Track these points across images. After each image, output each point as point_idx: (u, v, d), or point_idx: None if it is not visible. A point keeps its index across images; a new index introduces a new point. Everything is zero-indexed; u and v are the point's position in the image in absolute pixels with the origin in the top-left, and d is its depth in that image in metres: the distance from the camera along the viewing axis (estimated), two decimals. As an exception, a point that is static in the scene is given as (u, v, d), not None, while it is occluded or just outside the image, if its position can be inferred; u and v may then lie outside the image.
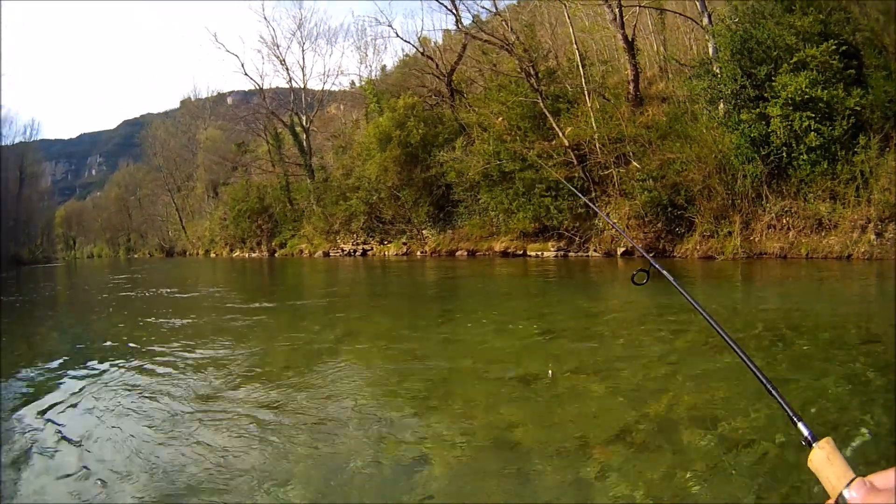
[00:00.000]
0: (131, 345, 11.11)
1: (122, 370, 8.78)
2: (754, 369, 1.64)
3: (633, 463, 4.53)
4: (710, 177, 23.18)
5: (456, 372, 7.68)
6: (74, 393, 7.69)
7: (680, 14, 31.16)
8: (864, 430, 5.02)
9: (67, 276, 50.53)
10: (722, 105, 23.90)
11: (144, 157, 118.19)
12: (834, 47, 20.15)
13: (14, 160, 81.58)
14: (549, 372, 7.56)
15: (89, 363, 9.54)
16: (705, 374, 6.98)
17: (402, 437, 5.38)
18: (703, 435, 5.02)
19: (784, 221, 21.31)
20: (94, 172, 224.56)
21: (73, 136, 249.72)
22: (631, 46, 29.93)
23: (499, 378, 7.19)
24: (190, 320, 14.74)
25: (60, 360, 10.13)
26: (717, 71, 23.80)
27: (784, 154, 20.96)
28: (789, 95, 20.27)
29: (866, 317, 11.06)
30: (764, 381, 1.59)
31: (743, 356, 1.69)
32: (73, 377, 8.66)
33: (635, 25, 31.23)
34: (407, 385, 7.15)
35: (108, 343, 11.78)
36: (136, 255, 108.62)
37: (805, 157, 20.45)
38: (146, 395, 7.38)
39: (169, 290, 25.02)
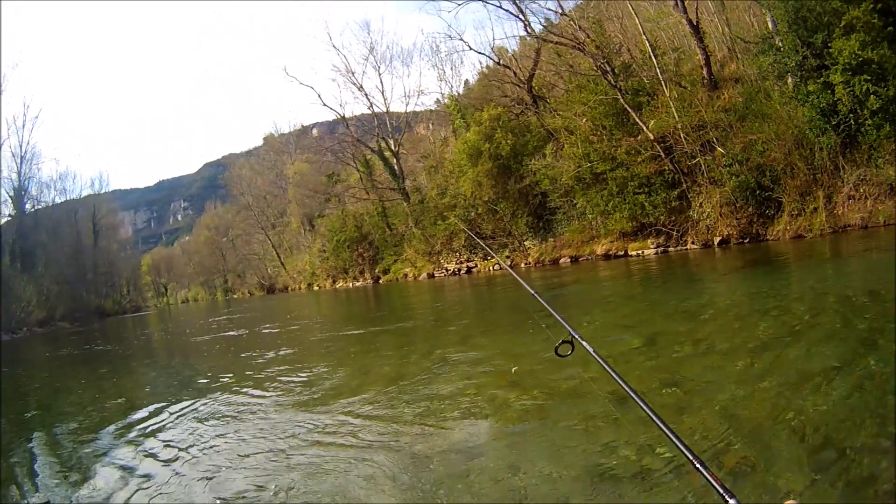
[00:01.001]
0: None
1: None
2: (667, 431, 2.20)
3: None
4: (790, 154, 24.06)
5: (555, 395, 7.70)
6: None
7: None
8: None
9: (161, 322, 54.28)
10: (790, 78, 24.75)
11: (231, 197, 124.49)
12: (871, 5, 20.98)
13: (85, 213, 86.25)
14: (514, 369, 9.00)
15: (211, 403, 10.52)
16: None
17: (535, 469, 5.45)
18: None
19: (862, 190, 21.98)
20: (178, 217, 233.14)
21: (151, 183, 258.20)
22: (697, 30, 30.87)
23: (597, 397, 6.98)
24: (302, 351, 16.81)
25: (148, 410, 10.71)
26: (779, 44, 24.63)
27: (852, 121, 21.80)
28: (846, 60, 21.12)
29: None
30: (678, 443, 2.11)
31: (645, 407, 2.27)
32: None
33: (697, 8, 31.95)
34: (513, 410, 7.37)
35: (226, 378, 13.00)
36: (235, 296, 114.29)
37: (870, 121, 21.25)
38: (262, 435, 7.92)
39: (277, 326, 26.95)
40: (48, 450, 9.32)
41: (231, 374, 13.40)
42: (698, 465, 1.92)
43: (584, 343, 3.18)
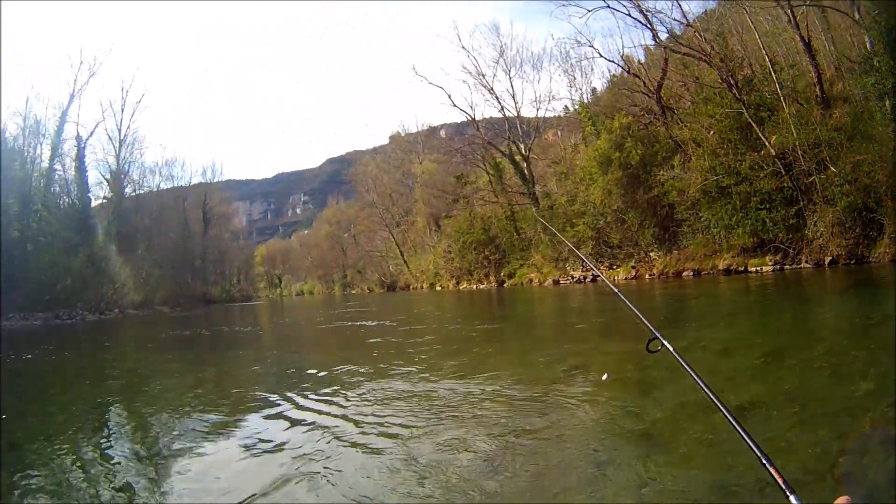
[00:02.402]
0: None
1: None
2: (745, 436, 2.39)
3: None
4: (891, 175, 25.31)
5: (684, 407, 7.80)
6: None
7: (835, 9, 33.86)
8: None
9: (272, 312, 58.76)
10: (888, 100, 26.20)
11: (356, 193, 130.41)
12: None
13: (195, 200, 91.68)
14: (605, 376, 9.74)
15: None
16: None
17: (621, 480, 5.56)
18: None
19: None
20: (297, 211, 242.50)
21: (269, 175, 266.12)
22: (809, 47, 32.82)
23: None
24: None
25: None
26: (878, 65, 26.23)
27: None
28: None
29: None
30: (755, 450, 2.30)
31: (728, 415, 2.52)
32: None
33: (807, 25, 33.70)
34: (628, 421, 7.54)
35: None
36: (353, 291, 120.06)
37: None
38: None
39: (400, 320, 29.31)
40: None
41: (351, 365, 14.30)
42: (765, 462, 2.14)
43: (666, 344, 3.50)
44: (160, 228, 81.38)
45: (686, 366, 3.02)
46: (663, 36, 44.61)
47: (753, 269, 33.10)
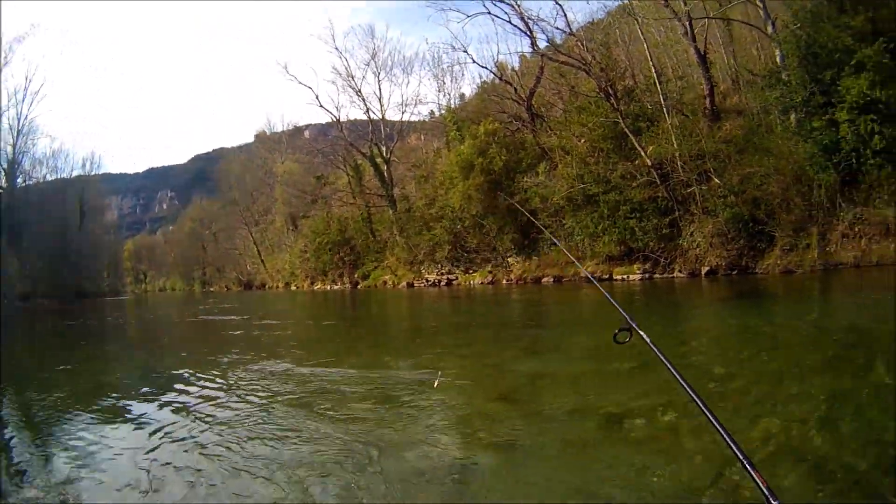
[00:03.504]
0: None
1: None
2: (730, 443, 2.06)
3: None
4: (788, 189, 23.96)
5: (552, 419, 7.31)
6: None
7: (745, 23, 31.88)
8: None
9: (137, 307, 56.25)
10: (793, 114, 24.66)
11: (219, 191, 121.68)
12: (885, 45, 20.66)
13: (73, 193, 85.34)
14: (437, 382, 8.84)
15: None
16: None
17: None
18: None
19: (857, 229, 21.92)
20: (164, 206, 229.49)
21: (140, 170, 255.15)
22: (704, 60, 30.89)
23: (591, 418, 7.08)
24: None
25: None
26: (787, 79, 24.39)
27: (854, 160, 21.57)
28: (853, 99, 20.97)
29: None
30: (741, 457, 2.00)
31: (712, 419, 2.15)
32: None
33: (706, 38, 32.06)
34: (492, 431, 6.96)
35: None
36: (212, 289, 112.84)
37: (872, 161, 21.08)
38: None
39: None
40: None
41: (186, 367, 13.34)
42: (747, 466, 1.83)
43: (641, 333, 3.14)
44: (42, 222, 74.56)
45: (662, 357, 2.70)
46: (543, 44, 41.74)
47: (619, 276, 30.80)
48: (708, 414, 2.16)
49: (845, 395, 7.07)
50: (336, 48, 75.65)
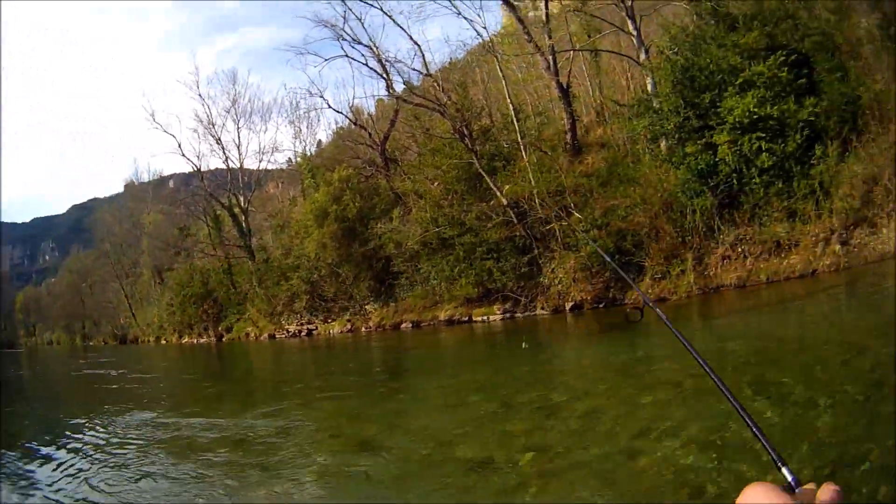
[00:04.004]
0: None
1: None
2: (743, 414, 1.61)
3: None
4: (656, 217, 22.80)
5: (410, 463, 7.48)
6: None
7: (616, 53, 31.02)
8: (866, 464, 4.85)
9: (31, 360, 57.36)
10: (664, 142, 23.72)
11: (95, 242, 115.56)
12: (783, 58, 19.79)
13: None
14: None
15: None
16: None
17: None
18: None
19: (739, 250, 20.91)
20: (47, 258, 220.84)
21: (28, 219, 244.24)
22: (566, 94, 29.70)
23: (456, 466, 6.96)
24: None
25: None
26: (658, 106, 23.35)
27: (734, 181, 20.61)
28: (737, 119, 19.92)
29: (842, 330, 11.22)
30: (750, 424, 1.56)
31: (732, 400, 1.67)
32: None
33: (570, 72, 30.86)
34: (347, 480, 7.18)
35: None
36: (91, 343, 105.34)
37: (757, 180, 20.10)
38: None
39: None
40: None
41: None
42: (775, 458, 1.41)
43: (657, 310, 2.55)
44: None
45: (680, 337, 2.13)
46: (399, 87, 39.51)
47: (479, 318, 28.93)
48: (733, 401, 1.63)
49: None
50: (199, 94, 71.30)
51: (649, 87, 25.40)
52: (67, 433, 12.36)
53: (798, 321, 13.56)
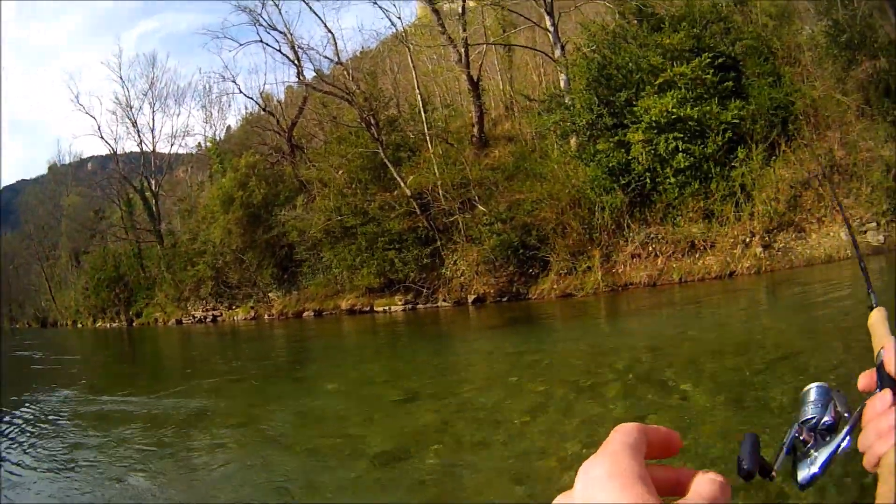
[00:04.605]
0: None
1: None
2: None
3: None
4: (563, 213, 21.83)
5: (315, 454, 7.21)
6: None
7: (531, 48, 29.87)
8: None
9: None
10: (574, 138, 22.76)
11: (21, 224, 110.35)
12: (709, 61, 19.04)
13: None
14: None
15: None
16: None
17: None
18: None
19: (650, 249, 20.09)
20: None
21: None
22: (476, 87, 28.59)
23: (363, 459, 6.59)
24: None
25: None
26: (570, 102, 22.47)
27: (647, 180, 19.81)
28: (653, 118, 19.00)
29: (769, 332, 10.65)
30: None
31: None
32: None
33: (481, 65, 30.05)
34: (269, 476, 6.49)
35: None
36: (17, 325, 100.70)
37: (672, 179, 19.32)
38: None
39: None
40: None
41: None
42: None
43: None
44: None
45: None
46: (310, 75, 37.29)
47: (381, 308, 28.04)
48: None
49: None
50: (121, 77, 67.42)
51: (562, 84, 24.40)
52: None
53: (697, 321, 13.25)
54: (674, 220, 19.50)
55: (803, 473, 0.88)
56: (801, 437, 0.88)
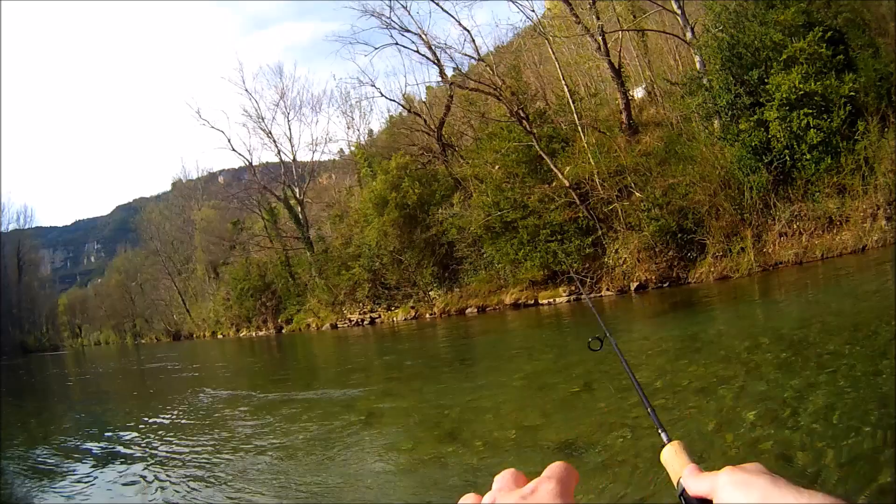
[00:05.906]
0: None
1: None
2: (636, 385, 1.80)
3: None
4: (715, 195, 22.97)
5: (492, 447, 7.46)
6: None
7: (661, 32, 31.04)
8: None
9: (82, 361, 55.73)
10: (717, 119, 23.67)
11: (141, 241, 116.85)
12: (820, 34, 19.99)
13: (11, 247, 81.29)
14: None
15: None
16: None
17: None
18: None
19: (795, 227, 21.06)
20: (92, 259, 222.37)
21: (69, 222, 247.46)
22: (619, 74, 29.82)
23: (540, 449, 7.04)
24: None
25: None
26: (709, 84, 23.60)
27: (787, 157, 20.81)
28: (784, 95, 20.16)
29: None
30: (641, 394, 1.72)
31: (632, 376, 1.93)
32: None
33: (620, 52, 30.93)
34: (445, 475, 6.95)
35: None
36: (143, 341, 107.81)
37: (808, 156, 20.28)
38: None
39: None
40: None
41: None
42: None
43: (612, 339, 2.74)
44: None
45: (625, 364, 2.17)
46: (450, 73, 39.90)
47: (545, 301, 29.24)
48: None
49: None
50: (246, 90, 72.63)
51: (697, 65, 25.55)
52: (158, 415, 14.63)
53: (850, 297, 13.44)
54: (813, 197, 20.59)
55: None
56: None
